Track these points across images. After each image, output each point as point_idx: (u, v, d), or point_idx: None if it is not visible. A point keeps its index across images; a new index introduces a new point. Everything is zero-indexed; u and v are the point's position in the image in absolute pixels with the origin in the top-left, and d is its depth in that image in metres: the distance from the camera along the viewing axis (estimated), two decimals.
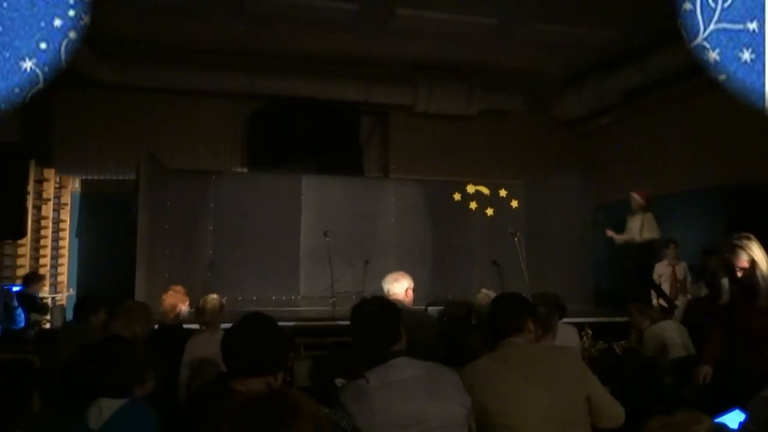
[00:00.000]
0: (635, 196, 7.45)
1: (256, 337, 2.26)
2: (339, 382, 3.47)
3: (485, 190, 9.53)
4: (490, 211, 9.45)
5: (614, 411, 2.28)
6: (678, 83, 7.93)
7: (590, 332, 5.23)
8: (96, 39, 7.92)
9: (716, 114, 7.29)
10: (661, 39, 7.64)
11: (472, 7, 7.26)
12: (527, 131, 10.51)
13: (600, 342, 5.01)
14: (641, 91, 8.54)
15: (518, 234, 7.59)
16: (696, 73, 7.74)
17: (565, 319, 3.51)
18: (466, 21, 7.54)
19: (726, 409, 2.08)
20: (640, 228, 7.27)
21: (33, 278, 6.09)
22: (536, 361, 2.27)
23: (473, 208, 9.40)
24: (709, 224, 7.10)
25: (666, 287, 7.05)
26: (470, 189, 9.46)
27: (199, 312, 3.94)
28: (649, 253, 7.27)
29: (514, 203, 9.53)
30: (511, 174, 10.13)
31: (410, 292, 4.08)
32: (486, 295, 4.25)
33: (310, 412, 1.06)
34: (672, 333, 4.52)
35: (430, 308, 5.15)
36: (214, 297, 4.04)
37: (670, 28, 7.49)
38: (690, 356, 4.27)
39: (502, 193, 9.55)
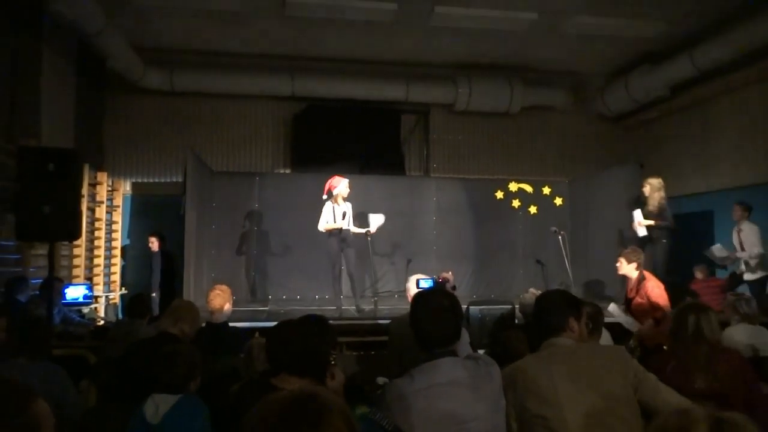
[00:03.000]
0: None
1: (304, 339, 2.27)
2: (381, 380, 3.49)
3: (528, 188, 9.40)
4: (533, 209, 9.31)
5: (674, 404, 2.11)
6: (729, 74, 7.66)
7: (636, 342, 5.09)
8: (143, 47, 8.20)
9: None
10: (711, 28, 7.40)
11: (511, 2, 7.19)
12: (571, 127, 10.34)
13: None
14: (690, 83, 8.29)
15: (562, 232, 7.45)
16: (748, 63, 7.51)
17: (607, 319, 3.42)
18: (506, 17, 7.46)
19: None
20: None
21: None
22: (579, 360, 2.20)
23: (516, 207, 9.29)
24: (762, 222, 6.81)
25: None
26: (513, 187, 9.34)
27: None
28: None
29: (558, 201, 9.36)
30: (555, 171, 9.97)
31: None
32: (533, 294, 4.19)
33: (340, 411, 1.06)
34: (738, 335, 4.30)
35: (472, 307, 5.10)
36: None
37: (719, 16, 7.27)
38: (760, 357, 4.06)
39: (546, 190, 9.39)
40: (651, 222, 6.75)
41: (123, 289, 8.65)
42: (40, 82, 6.68)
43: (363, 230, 6.91)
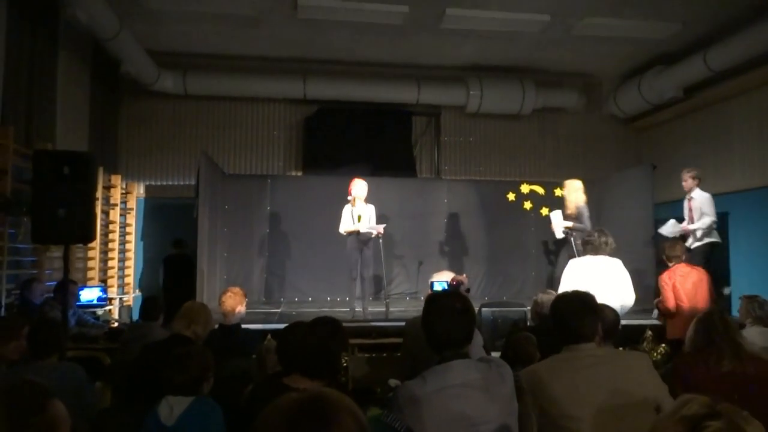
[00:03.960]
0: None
1: (316, 340, 2.28)
2: (393, 382, 3.49)
3: (540, 190, 9.36)
4: (545, 211, 9.25)
5: None
6: (743, 74, 7.58)
7: (651, 334, 5.06)
8: (157, 51, 8.27)
9: None
10: (725, 29, 7.33)
11: (523, 3, 7.16)
12: (583, 129, 10.29)
13: (663, 345, 4.83)
14: (703, 84, 8.22)
15: (574, 233, 7.40)
16: (762, 63, 7.43)
17: (625, 321, 3.40)
18: (518, 18, 7.45)
19: None
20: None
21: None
22: (601, 365, 2.16)
23: (528, 209, 9.25)
24: None
25: None
26: (525, 189, 9.31)
27: None
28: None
29: None
30: (567, 173, 9.84)
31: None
32: (549, 297, 4.16)
33: (349, 412, 1.06)
34: (752, 337, 4.26)
35: (484, 309, 5.09)
36: None
37: (733, 17, 7.20)
38: None
39: (558, 192, 9.33)
40: (569, 224, 6.83)
41: (137, 291, 8.72)
42: (56, 87, 6.76)
43: (373, 231, 6.91)
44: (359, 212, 6.93)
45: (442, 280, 4.17)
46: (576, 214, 6.87)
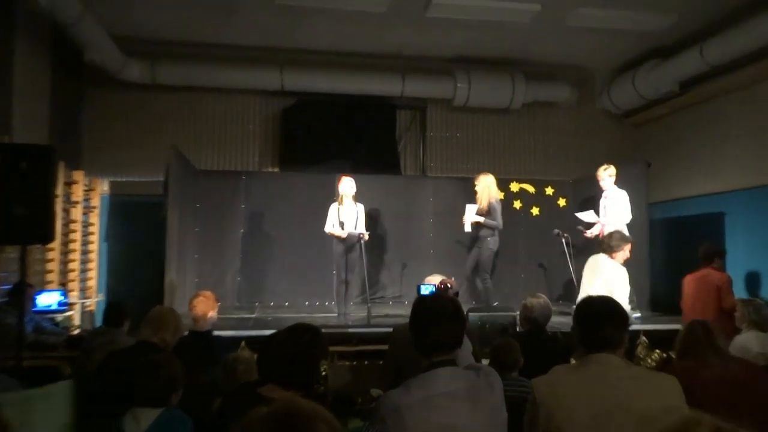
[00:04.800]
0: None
1: (293, 348, 2.27)
2: (375, 392, 3.49)
3: (530, 189, 9.41)
4: (535, 211, 9.32)
5: None
6: (741, 69, 7.70)
7: (646, 340, 5.12)
8: (123, 37, 8.17)
9: None
10: (722, 21, 7.44)
11: None
12: (575, 125, 10.37)
13: (657, 351, 4.89)
14: (700, 79, 8.33)
15: (566, 235, 7.46)
16: (761, 57, 7.55)
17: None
18: (508, 7, 7.48)
19: None
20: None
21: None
22: (630, 385, 2.09)
23: (518, 208, 9.29)
24: None
25: None
26: (514, 187, 9.35)
27: None
28: None
29: (562, 202, 9.38)
30: (559, 171, 9.99)
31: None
32: (538, 300, 4.18)
33: (326, 424, 1.06)
34: (749, 342, 4.33)
35: (471, 314, 5.11)
36: None
37: (731, 8, 7.33)
38: None
39: (549, 191, 9.41)
40: (479, 219, 7.15)
41: (100, 295, 8.60)
42: (13, 75, 6.64)
43: (357, 232, 6.94)
44: (347, 212, 6.97)
45: (429, 283, 4.18)
46: (487, 209, 7.14)
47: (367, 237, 6.97)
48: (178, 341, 3.66)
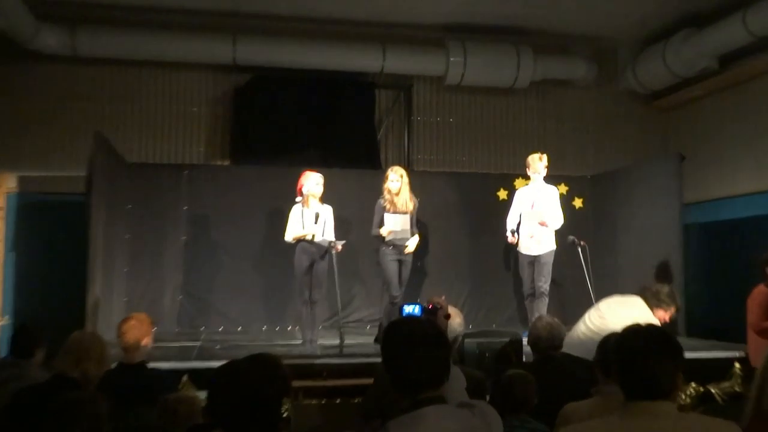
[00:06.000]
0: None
1: (247, 386, 2.26)
2: None
3: None
4: None
5: None
6: None
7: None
8: None
9: None
10: None
11: None
12: (594, 108, 10.46)
13: (693, 384, 4.95)
14: (743, 53, 8.44)
15: (582, 242, 7.52)
16: None
17: None
18: None
19: None
20: None
21: None
22: None
23: None
24: None
25: None
26: (519, 185, 9.40)
27: None
28: None
29: (578, 203, 9.45)
30: (574, 164, 10.06)
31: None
32: (548, 324, 4.20)
33: None
34: None
35: (467, 341, 5.12)
36: None
37: None
38: None
39: (562, 189, 9.45)
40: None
41: (5, 318, 8.50)
42: None
43: (334, 242, 6.96)
44: (313, 216, 6.97)
45: (412, 304, 4.18)
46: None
47: (339, 247, 6.97)
48: (104, 375, 3.64)
